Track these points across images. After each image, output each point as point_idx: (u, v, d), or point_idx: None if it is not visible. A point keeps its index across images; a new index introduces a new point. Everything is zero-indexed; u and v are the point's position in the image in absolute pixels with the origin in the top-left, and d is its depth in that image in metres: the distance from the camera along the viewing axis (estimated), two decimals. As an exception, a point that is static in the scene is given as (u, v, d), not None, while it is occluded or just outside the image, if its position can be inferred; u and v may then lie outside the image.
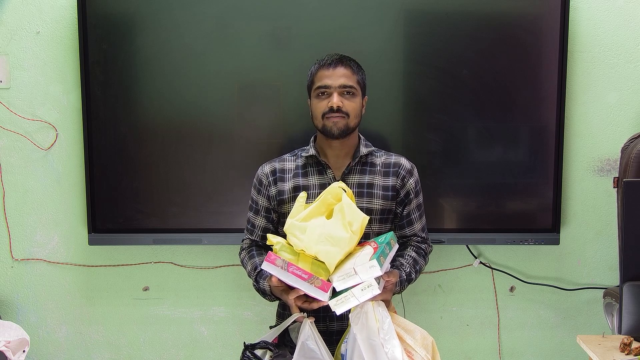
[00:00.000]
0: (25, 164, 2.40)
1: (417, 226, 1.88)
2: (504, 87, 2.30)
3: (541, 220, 2.34)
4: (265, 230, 1.87)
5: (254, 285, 1.82)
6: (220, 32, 2.24)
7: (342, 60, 1.80)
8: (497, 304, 2.48)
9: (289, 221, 1.65)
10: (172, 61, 2.26)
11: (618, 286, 1.87)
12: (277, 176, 1.85)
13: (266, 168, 1.88)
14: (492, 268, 2.46)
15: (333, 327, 1.79)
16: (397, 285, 1.72)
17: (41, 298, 2.47)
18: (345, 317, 1.69)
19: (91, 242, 2.34)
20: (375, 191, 1.82)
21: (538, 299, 2.48)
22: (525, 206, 2.35)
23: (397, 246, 1.76)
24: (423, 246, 1.89)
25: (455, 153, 2.31)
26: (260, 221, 1.88)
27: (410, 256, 1.83)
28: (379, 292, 1.55)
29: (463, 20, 2.25)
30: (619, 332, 1.75)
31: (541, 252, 2.44)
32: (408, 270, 1.79)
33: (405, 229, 1.88)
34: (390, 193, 1.83)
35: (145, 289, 2.48)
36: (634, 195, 1.70)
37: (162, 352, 2.51)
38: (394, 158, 1.88)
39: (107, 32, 2.26)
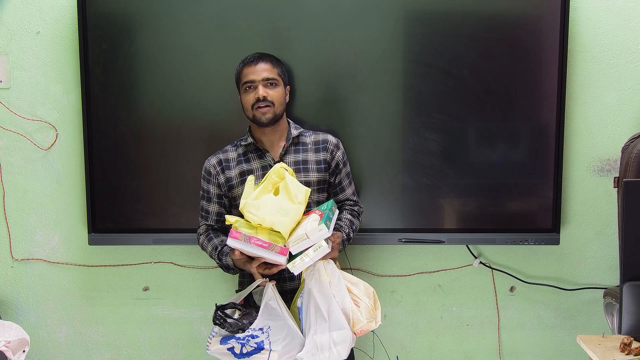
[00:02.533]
0: (25, 164, 2.40)
1: (349, 191, 2.18)
2: (504, 87, 2.29)
3: (541, 220, 2.34)
4: (219, 215, 2.12)
5: (218, 263, 2.05)
6: (220, 32, 2.24)
7: (262, 57, 2.04)
8: (497, 304, 2.48)
9: (243, 201, 1.88)
10: (172, 61, 2.26)
11: (618, 286, 1.87)
12: (224, 165, 2.09)
13: (212, 160, 2.11)
14: (492, 268, 2.46)
15: (287, 287, 2.04)
16: (340, 245, 2.01)
17: (41, 298, 2.47)
18: (296, 278, 2.00)
19: (91, 242, 2.34)
20: (310, 166, 2.08)
21: (538, 299, 2.48)
22: (525, 206, 2.35)
23: (337, 211, 2.05)
24: (356, 208, 2.18)
25: (455, 153, 2.31)
26: (213, 207, 2.12)
27: (347, 219, 2.11)
28: (329, 250, 1.82)
29: (463, 20, 2.25)
30: (619, 332, 1.75)
31: (541, 252, 2.44)
32: (347, 230, 2.07)
33: (339, 195, 2.17)
34: (322, 166, 2.10)
35: (145, 289, 2.48)
36: (634, 195, 1.70)
37: (162, 352, 2.51)
38: (321, 136, 2.14)
39: (107, 32, 2.26)
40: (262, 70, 2.02)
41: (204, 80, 2.27)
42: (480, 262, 2.45)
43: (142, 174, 2.32)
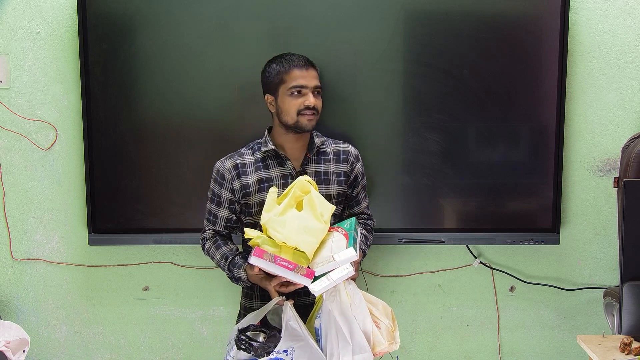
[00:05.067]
0: (25, 164, 2.40)
1: (364, 205, 2.12)
2: (504, 87, 2.29)
3: (541, 220, 2.34)
4: (228, 221, 2.02)
5: (227, 274, 1.96)
6: (220, 32, 2.24)
7: (311, 62, 1.97)
8: (497, 304, 2.48)
9: (265, 215, 1.79)
10: (172, 61, 2.26)
11: (618, 286, 1.87)
12: (240, 170, 1.98)
13: (227, 163, 2.00)
14: (492, 268, 2.46)
15: (301, 302, 1.95)
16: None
17: (41, 298, 2.47)
18: (310, 293, 1.86)
19: (91, 242, 2.34)
20: (331, 178, 2.01)
21: (538, 299, 2.48)
22: (525, 206, 2.35)
23: (360, 230, 2.00)
24: (369, 222, 2.13)
25: (455, 153, 2.31)
26: (223, 212, 2.01)
27: (362, 234, 2.05)
28: (354, 273, 1.77)
29: (463, 20, 2.25)
30: (619, 332, 1.76)
31: (541, 252, 2.44)
32: (363, 247, 2.02)
33: (355, 208, 2.10)
34: (343, 178, 2.03)
35: (145, 289, 2.48)
36: (634, 195, 1.70)
37: (162, 352, 2.51)
38: (342, 146, 2.07)
39: (107, 32, 2.26)
40: (313, 77, 1.94)
41: (204, 80, 2.26)
42: (480, 262, 2.45)
43: (142, 174, 2.32)
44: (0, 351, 1.85)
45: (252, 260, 1.73)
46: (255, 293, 2.03)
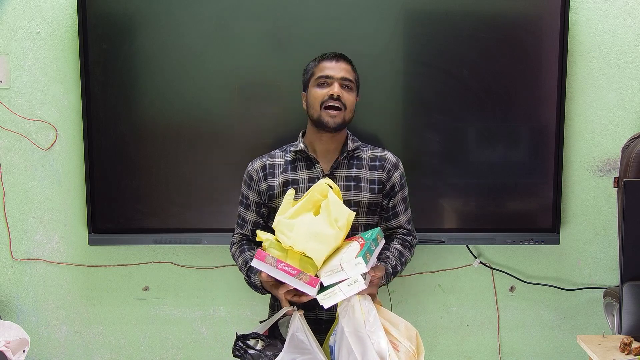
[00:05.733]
0: (25, 164, 2.40)
1: (403, 218, 1.95)
2: (504, 87, 2.29)
3: (541, 220, 2.34)
4: (256, 225, 1.93)
5: (246, 280, 1.87)
6: (220, 32, 2.24)
7: (343, 56, 1.89)
8: (497, 304, 2.48)
9: (277, 218, 1.70)
10: (172, 61, 2.26)
11: (618, 286, 1.87)
12: (267, 172, 1.90)
13: (256, 164, 1.93)
14: (492, 268, 2.46)
15: (322, 316, 1.83)
16: (382, 279, 1.77)
17: (41, 298, 2.47)
18: (334, 306, 1.72)
19: (91, 242, 2.34)
20: (362, 184, 1.88)
21: (538, 299, 2.48)
22: (525, 206, 2.35)
23: (383, 242, 1.80)
24: (409, 238, 1.94)
25: (455, 153, 2.31)
26: (250, 216, 1.93)
27: (396, 249, 1.88)
28: (365, 287, 1.61)
29: (463, 20, 2.25)
30: (619, 332, 1.75)
31: (541, 252, 2.44)
32: (394, 263, 1.83)
33: (391, 221, 1.94)
34: (376, 186, 1.89)
35: (145, 289, 2.48)
36: (634, 195, 1.70)
37: (162, 352, 2.51)
38: (379, 152, 1.95)
39: (107, 32, 2.26)
40: (342, 69, 1.84)
41: (204, 80, 2.26)
42: (480, 262, 2.45)
43: (142, 174, 2.32)
44: (0, 351, 1.85)
45: (254, 263, 1.65)
46: (277, 304, 1.87)
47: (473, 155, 2.33)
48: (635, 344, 1.73)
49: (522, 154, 2.34)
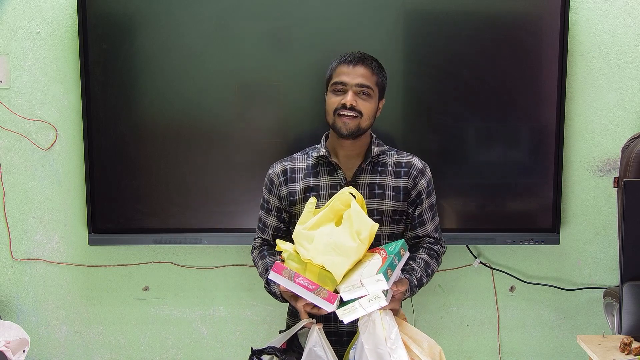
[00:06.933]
0: (25, 164, 2.40)
1: (430, 227, 1.87)
2: (504, 87, 2.29)
3: (541, 220, 2.34)
4: (277, 230, 1.87)
5: (265, 288, 1.81)
6: (220, 32, 2.24)
7: (363, 59, 1.78)
8: (497, 304, 2.48)
9: (297, 228, 1.64)
10: (172, 61, 2.26)
11: (618, 286, 1.87)
12: (288, 176, 1.84)
13: (277, 167, 1.87)
14: (492, 268, 2.46)
15: (344, 329, 1.77)
16: (406, 292, 1.70)
17: (41, 298, 2.47)
18: (356, 319, 1.67)
19: (91, 242, 2.34)
20: (387, 192, 1.81)
21: (538, 299, 2.48)
22: (525, 206, 2.35)
23: (407, 255, 1.71)
24: (435, 247, 1.87)
25: (455, 153, 2.31)
26: (271, 220, 1.88)
27: (422, 259, 1.81)
28: (385, 304, 1.55)
29: (463, 20, 2.25)
30: (619, 332, 1.75)
31: (541, 252, 2.44)
32: (419, 275, 1.77)
33: (418, 230, 1.86)
34: (401, 194, 1.82)
35: (145, 289, 2.48)
36: (634, 195, 1.70)
37: (162, 352, 2.51)
38: (405, 158, 1.87)
39: (107, 32, 2.26)
40: (359, 75, 1.74)
41: (204, 80, 2.26)
42: (480, 262, 2.45)
43: (142, 174, 2.32)
44: (0, 351, 1.85)
45: (271, 276, 1.58)
46: (296, 311, 1.76)
47: (473, 155, 2.33)
48: (635, 344, 1.73)
49: (522, 154, 2.34)
